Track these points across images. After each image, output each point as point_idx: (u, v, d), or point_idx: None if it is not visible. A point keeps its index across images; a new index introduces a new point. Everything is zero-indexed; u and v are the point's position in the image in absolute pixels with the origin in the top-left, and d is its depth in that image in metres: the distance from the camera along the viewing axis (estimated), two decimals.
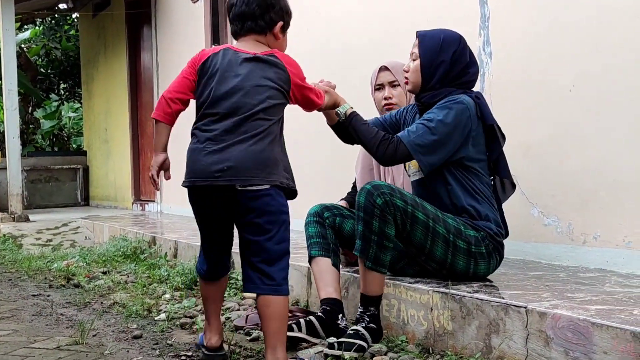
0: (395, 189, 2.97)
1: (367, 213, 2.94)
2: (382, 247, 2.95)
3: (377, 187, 2.95)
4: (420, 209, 2.99)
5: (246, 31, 2.85)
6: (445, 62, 3.16)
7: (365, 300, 3.04)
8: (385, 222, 2.92)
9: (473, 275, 3.10)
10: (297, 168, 2.93)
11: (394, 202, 2.92)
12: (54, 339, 3.41)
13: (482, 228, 3.08)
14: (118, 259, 6.04)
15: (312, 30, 5.98)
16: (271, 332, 2.62)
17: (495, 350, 2.62)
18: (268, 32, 2.84)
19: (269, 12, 2.82)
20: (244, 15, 2.83)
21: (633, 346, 2.14)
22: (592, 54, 3.54)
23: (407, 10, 4.78)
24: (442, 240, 3.01)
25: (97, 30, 12.24)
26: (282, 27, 2.87)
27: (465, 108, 3.06)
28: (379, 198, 2.92)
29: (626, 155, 3.39)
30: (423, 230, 2.98)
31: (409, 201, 2.97)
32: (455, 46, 3.18)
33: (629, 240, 3.37)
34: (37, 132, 15.70)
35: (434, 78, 3.18)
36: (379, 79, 3.67)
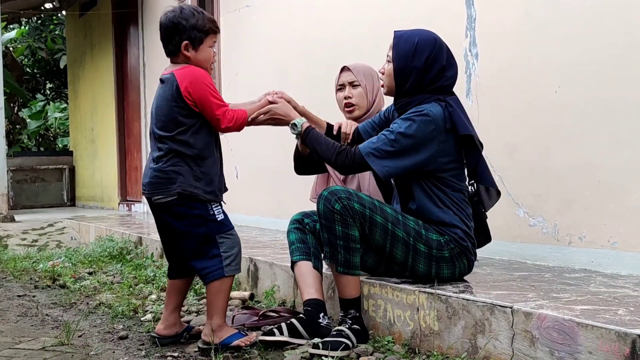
0: (353, 193, 2.98)
1: (327, 220, 2.97)
2: (350, 249, 2.97)
3: (334, 192, 2.97)
4: (379, 212, 2.99)
5: (167, 56, 3.21)
6: (417, 68, 3.06)
7: (344, 304, 3.05)
8: (347, 225, 2.94)
9: (437, 279, 3.08)
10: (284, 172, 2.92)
11: (351, 206, 2.94)
12: (39, 339, 3.40)
13: (446, 232, 3.05)
14: (104, 260, 6.02)
15: (299, 30, 5.98)
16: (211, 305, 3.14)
17: (481, 350, 2.63)
18: (179, 53, 3.13)
19: (173, 36, 3.12)
20: (162, 41, 3.19)
21: (618, 346, 2.15)
22: (578, 55, 3.56)
23: (394, 10, 4.79)
24: (402, 243, 3.00)
25: (83, 29, 12.20)
26: (190, 44, 3.11)
27: (430, 121, 2.98)
28: (337, 203, 2.94)
29: (611, 156, 3.40)
30: (382, 234, 2.99)
31: (367, 205, 2.98)
32: (429, 51, 3.07)
33: (614, 241, 3.39)
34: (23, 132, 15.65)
35: (407, 84, 3.10)
36: (340, 79, 3.67)
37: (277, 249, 4.75)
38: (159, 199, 3.10)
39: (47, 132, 16.79)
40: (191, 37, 3.09)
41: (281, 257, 4.22)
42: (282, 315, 3.50)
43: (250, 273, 4.30)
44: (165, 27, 3.14)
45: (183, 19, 3.09)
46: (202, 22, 3.11)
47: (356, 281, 3.05)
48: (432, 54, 3.08)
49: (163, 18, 3.15)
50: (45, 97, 16.58)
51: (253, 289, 4.26)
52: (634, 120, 3.30)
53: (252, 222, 6.76)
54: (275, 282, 4.01)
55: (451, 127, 3.01)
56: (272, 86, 6.41)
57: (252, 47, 6.80)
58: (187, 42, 3.10)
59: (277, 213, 6.32)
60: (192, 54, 3.12)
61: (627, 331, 2.13)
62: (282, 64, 6.27)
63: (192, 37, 3.09)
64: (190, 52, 3.11)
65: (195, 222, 3.10)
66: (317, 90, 5.68)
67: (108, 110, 11.08)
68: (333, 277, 3.09)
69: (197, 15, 3.12)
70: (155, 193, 3.11)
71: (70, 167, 12.79)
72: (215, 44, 3.21)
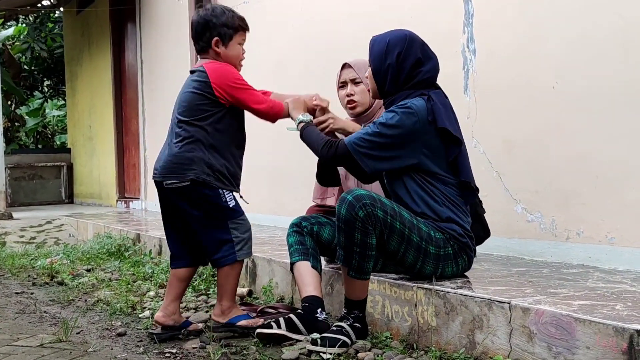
0: (377, 199, 2.92)
1: (348, 225, 2.89)
2: (365, 256, 2.92)
3: (359, 198, 2.89)
4: (398, 218, 2.95)
5: (198, 53, 3.40)
6: (391, 65, 3.10)
7: (349, 303, 3.04)
8: (367, 233, 2.88)
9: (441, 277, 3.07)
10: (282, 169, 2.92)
11: (375, 213, 2.88)
12: (37, 336, 3.40)
13: (445, 230, 3.03)
14: (102, 257, 6.02)
15: (296, 26, 5.98)
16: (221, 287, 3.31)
17: (479, 345, 2.63)
18: (209, 49, 3.31)
19: (204, 32, 3.30)
20: (194, 40, 3.37)
21: (615, 341, 2.15)
22: (575, 51, 3.56)
23: (392, 7, 4.78)
24: (415, 247, 2.98)
25: (81, 27, 12.18)
26: (221, 40, 3.30)
27: (413, 113, 2.98)
28: (361, 210, 2.86)
29: (609, 151, 3.41)
30: (398, 240, 2.95)
31: (388, 211, 2.92)
32: (400, 48, 3.10)
33: (611, 236, 3.40)
34: (21, 130, 15.62)
35: (386, 83, 3.14)
36: (342, 77, 3.65)
37: (275, 245, 4.75)
38: (171, 183, 3.20)
39: (45, 130, 16.76)
40: (221, 33, 3.29)
41: (279, 254, 4.22)
42: (280, 312, 3.50)
43: (248, 269, 4.30)
44: (197, 24, 3.31)
45: (214, 16, 3.29)
46: (231, 20, 3.32)
47: (365, 285, 3.03)
48: (403, 49, 3.11)
49: (195, 16, 3.35)
50: (43, 95, 16.55)
51: (251, 286, 4.26)
52: (632, 116, 3.31)
53: (250, 219, 6.69)
54: (274, 279, 4.02)
55: (432, 120, 3.01)
56: (269, 83, 6.42)
57: (249, 43, 6.77)
58: (217, 39, 3.29)
59: (275, 210, 6.32)
60: (222, 50, 3.31)
61: (625, 326, 2.14)
62: (279, 61, 6.27)
63: (222, 33, 3.29)
64: (220, 48, 3.30)
65: (207, 207, 3.23)
66: (315, 87, 5.65)
67: (106, 107, 11.07)
68: (342, 277, 3.07)
69: (227, 13, 3.33)
70: (168, 177, 3.21)
71: (68, 164, 12.78)
72: (244, 41, 3.40)
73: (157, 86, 9.13)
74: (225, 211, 3.25)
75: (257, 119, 3.43)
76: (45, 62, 15.52)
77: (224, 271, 3.26)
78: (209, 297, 4.14)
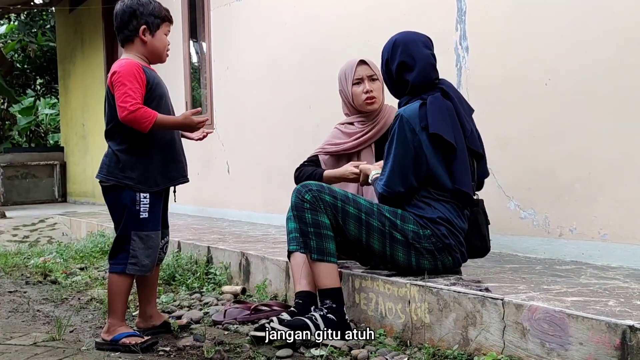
0: (325, 187, 3.07)
1: (298, 209, 3.06)
2: (321, 235, 3.02)
3: (306, 185, 3.08)
4: (352, 203, 3.04)
5: (122, 43, 3.28)
6: (384, 71, 3.25)
7: (320, 294, 3.06)
8: (316, 212, 3.02)
9: (417, 269, 3.07)
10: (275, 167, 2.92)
11: (322, 197, 3.02)
12: (30, 335, 3.39)
13: (428, 226, 3.03)
14: (95, 255, 6.00)
15: (290, 24, 5.97)
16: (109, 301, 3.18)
17: (472, 342, 2.64)
18: (135, 38, 3.23)
19: (131, 21, 3.21)
20: (117, 29, 3.26)
21: (608, 337, 2.16)
22: (568, 48, 3.57)
23: (385, 4, 4.78)
24: (378, 232, 3.03)
25: (74, 25, 12.15)
26: (148, 29, 3.22)
27: (404, 123, 3.02)
28: (308, 194, 3.03)
29: (601, 148, 3.41)
30: (356, 224, 3.03)
31: (338, 197, 3.05)
32: (387, 54, 3.21)
33: (604, 233, 3.41)
34: (14, 129, 15.58)
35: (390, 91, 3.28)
36: (357, 73, 3.65)
37: (268, 243, 4.75)
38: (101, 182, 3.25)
39: (38, 128, 16.74)
40: (149, 22, 3.21)
41: (273, 252, 4.22)
42: (274, 309, 3.50)
43: (242, 267, 4.30)
44: (122, 13, 3.22)
45: (140, 5, 3.21)
46: (158, 9, 3.25)
47: (331, 270, 3.05)
48: (389, 56, 3.19)
49: (119, 5, 3.25)
50: (35, 93, 16.51)
51: (245, 283, 4.26)
52: (624, 113, 3.31)
53: (244, 217, 6.76)
54: (267, 276, 4.01)
55: (426, 126, 3.01)
56: (263, 81, 6.43)
57: (242, 41, 6.79)
58: (144, 27, 3.21)
59: (268, 208, 6.32)
60: (149, 39, 3.23)
61: (618, 322, 2.14)
62: (272, 59, 6.26)
63: (149, 22, 3.22)
64: (147, 36, 3.22)
65: (118, 209, 3.20)
66: (308, 84, 5.68)
67: (99, 105, 10.94)
68: (310, 267, 3.11)
69: (154, 3, 3.26)
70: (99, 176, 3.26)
71: (62, 163, 12.75)
72: (169, 33, 3.32)
73: None
74: (133, 220, 3.16)
75: (253, 119, 3.42)
76: (38, 60, 15.48)
77: (111, 280, 3.18)
78: (202, 296, 4.13)
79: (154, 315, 3.37)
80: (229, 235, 5.37)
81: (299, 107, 5.80)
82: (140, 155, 3.17)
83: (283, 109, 6.08)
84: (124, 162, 3.16)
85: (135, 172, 3.15)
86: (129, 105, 3.04)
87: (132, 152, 3.17)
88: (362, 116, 3.67)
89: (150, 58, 3.28)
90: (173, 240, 5.08)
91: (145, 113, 3.05)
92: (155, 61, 3.31)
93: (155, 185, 3.19)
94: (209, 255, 4.70)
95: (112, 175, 3.18)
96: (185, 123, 3.18)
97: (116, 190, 3.18)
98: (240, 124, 6.82)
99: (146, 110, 3.06)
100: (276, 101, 6.18)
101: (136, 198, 3.15)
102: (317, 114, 5.51)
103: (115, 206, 3.21)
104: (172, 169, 3.26)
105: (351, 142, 3.64)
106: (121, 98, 3.06)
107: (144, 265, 3.17)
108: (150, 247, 3.18)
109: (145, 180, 3.16)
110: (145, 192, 3.16)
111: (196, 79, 8.39)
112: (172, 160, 3.26)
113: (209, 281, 4.42)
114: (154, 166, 3.19)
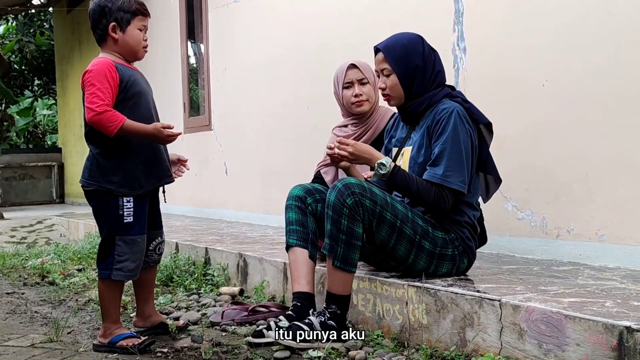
0: (367, 188, 2.93)
1: (335, 212, 2.90)
2: (351, 245, 2.92)
3: (348, 186, 2.91)
4: (390, 209, 2.95)
5: (98, 43, 3.21)
6: (419, 66, 3.09)
7: (328, 297, 3.01)
8: (354, 221, 2.90)
9: (433, 275, 3.07)
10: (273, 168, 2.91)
11: (363, 203, 2.89)
12: (28, 336, 3.39)
13: (453, 229, 3.05)
14: (93, 257, 5.97)
15: (287, 25, 5.97)
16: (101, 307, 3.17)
17: (469, 343, 2.64)
18: (107, 37, 3.15)
19: (101, 19, 3.14)
20: (92, 30, 3.20)
21: (605, 338, 2.16)
22: (565, 49, 3.57)
23: (382, 5, 4.79)
24: (407, 240, 2.98)
25: (71, 25, 12.15)
26: (118, 25, 3.13)
27: (462, 116, 3.02)
28: (349, 198, 2.88)
29: (598, 149, 3.42)
30: (388, 230, 2.95)
31: (378, 201, 2.93)
32: (421, 47, 3.12)
33: (602, 234, 3.41)
34: (12, 130, 15.57)
35: (414, 85, 3.11)
36: (348, 77, 3.66)
37: (266, 244, 4.74)
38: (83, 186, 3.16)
39: (36, 129, 16.73)
40: (118, 18, 3.12)
41: (270, 252, 4.22)
42: (272, 311, 3.49)
43: (239, 268, 4.30)
44: (92, 12, 3.16)
45: (109, 1, 3.13)
46: (128, 4, 3.15)
47: (349, 279, 3.00)
48: (424, 49, 3.13)
49: (91, 4, 3.17)
50: (33, 94, 16.50)
51: (243, 285, 4.25)
52: (622, 113, 3.32)
53: (241, 218, 6.76)
54: (265, 278, 4.01)
55: (474, 118, 3.07)
56: (260, 81, 6.43)
57: (240, 42, 6.79)
58: (114, 24, 3.12)
59: (266, 209, 6.32)
60: (120, 36, 3.13)
61: (615, 323, 2.14)
62: (270, 59, 6.26)
63: (118, 18, 3.12)
64: (118, 34, 3.13)
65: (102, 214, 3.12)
66: (306, 85, 5.69)
67: None
68: (326, 269, 3.05)
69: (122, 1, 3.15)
70: None
71: (59, 164, 12.75)
72: (145, 27, 3.23)
73: None
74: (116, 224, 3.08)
75: (251, 119, 3.41)
76: (36, 61, 15.48)
77: (101, 286, 3.15)
78: (200, 297, 4.13)
79: (152, 314, 3.37)
80: (226, 237, 5.37)
81: (297, 108, 5.81)
82: (121, 158, 3.06)
83: (281, 110, 6.08)
84: (104, 166, 3.06)
85: (117, 176, 3.05)
86: (95, 106, 2.93)
87: (112, 155, 3.06)
88: (356, 118, 3.69)
89: (126, 55, 3.17)
90: (171, 242, 5.08)
91: (113, 116, 2.93)
92: (131, 58, 3.21)
93: (139, 188, 3.10)
94: (207, 256, 4.70)
95: (94, 180, 3.08)
96: (154, 133, 3.02)
97: (99, 194, 3.09)
98: (238, 124, 6.82)
99: (114, 113, 2.94)
100: (274, 102, 6.19)
101: (119, 202, 3.06)
102: (314, 114, 5.51)
103: (98, 211, 3.13)
104: (155, 170, 3.16)
105: None
106: (89, 99, 2.96)
107: (130, 270, 3.10)
108: (135, 251, 3.10)
109: (127, 183, 3.07)
110: (129, 196, 3.07)
111: (194, 79, 8.39)
112: (155, 160, 3.15)
113: (207, 282, 4.42)
114: (135, 168, 3.09)
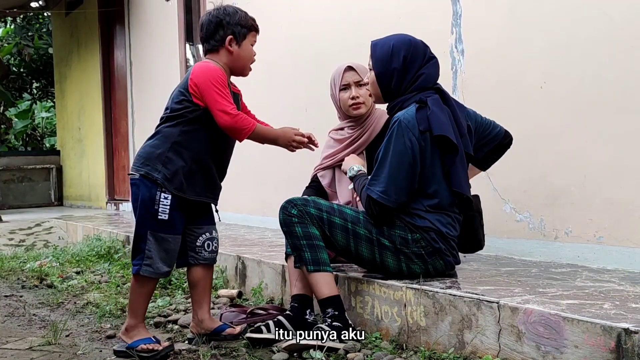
0: (310, 200, 3.09)
1: (286, 225, 3.08)
2: (314, 247, 3.03)
3: (290, 201, 3.11)
4: (337, 214, 3.07)
5: (206, 52, 3.26)
6: (397, 69, 3.08)
7: (321, 304, 3.04)
8: (305, 225, 3.04)
9: (409, 274, 3.06)
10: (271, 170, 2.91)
11: (307, 211, 3.05)
12: (26, 339, 3.39)
13: (417, 231, 3.01)
14: (92, 259, 6.00)
15: (285, 27, 5.98)
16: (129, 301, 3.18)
17: (468, 345, 2.64)
18: (221, 48, 3.20)
19: (217, 31, 3.18)
20: (202, 39, 3.24)
21: (603, 340, 2.16)
22: (563, 51, 3.57)
23: (379, 8, 4.79)
24: (365, 240, 3.04)
25: (70, 28, 12.15)
26: (234, 39, 3.19)
27: (403, 128, 2.96)
28: (294, 209, 3.06)
29: (596, 151, 3.42)
30: (343, 234, 3.05)
31: (323, 209, 3.07)
32: (405, 51, 3.09)
33: (600, 235, 3.41)
34: (10, 132, 15.57)
35: (390, 87, 3.12)
36: (345, 79, 3.66)
37: (264, 246, 4.75)
38: (130, 175, 3.14)
39: (34, 132, 16.73)
40: (235, 32, 3.18)
41: (269, 255, 4.23)
42: (270, 313, 3.50)
43: (238, 271, 4.30)
44: (208, 23, 3.19)
45: (227, 15, 3.18)
46: (245, 19, 3.22)
47: (328, 279, 3.05)
48: (409, 53, 3.10)
49: (205, 16, 3.22)
50: (31, 97, 16.50)
51: (241, 287, 4.26)
52: (619, 115, 3.32)
53: (240, 220, 6.76)
54: (263, 280, 4.01)
55: (426, 129, 2.97)
56: (257, 83, 6.42)
57: None
58: (231, 37, 3.17)
59: (264, 211, 6.31)
60: (236, 49, 3.20)
61: (613, 325, 2.14)
62: (268, 62, 6.25)
63: (236, 32, 3.18)
64: (234, 47, 3.19)
65: (139, 205, 3.10)
66: (303, 88, 5.69)
67: (95, 109, 11.04)
68: (308, 281, 3.09)
69: (240, 12, 3.22)
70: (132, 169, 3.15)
71: (58, 166, 12.74)
72: (255, 43, 3.29)
73: (147, 87, 9.12)
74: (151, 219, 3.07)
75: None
76: (34, 64, 15.48)
77: (132, 281, 3.17)
78: None
79: (204, 319, 3.27)
80: (225, 239, 5.37)
81: (295, 111, 5.80)
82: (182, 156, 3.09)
83: (279, 112, 6.07)
84: (162, 155, 3.07)
85: (167, 169, 3.06)
86: (230, 109, 3.03)
87: (176, 151, 3.08)
88: (352, 121, 3.68)
89: (234, 68, 3.24)
90: None
91: (245, 120, 3.09)
92: (238, 72, 3.28)
93: (181, 191, 3.09)
94: None
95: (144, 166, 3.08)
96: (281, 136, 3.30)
97: (139, 184, 3.07)
98: None
99: (245, 117, 3.09)
100: (272, 104, 6.18)
101: (156, 197, 3.05)
102: (312, 117, 5.51)
103: (135, 201, 3.12)
104: (206, 187, 3.20)
105: (344, 152, 3.64)
106: (221, 102, 3.03)
107: (158, 268, 3.08)
108: (166, 250, 3.10)
109: (172, 179, 3.06)
110: (167, 192, 3.06)
111: None
112: (209, 177, 3.20)
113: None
114: (188, 174, 3.10)
